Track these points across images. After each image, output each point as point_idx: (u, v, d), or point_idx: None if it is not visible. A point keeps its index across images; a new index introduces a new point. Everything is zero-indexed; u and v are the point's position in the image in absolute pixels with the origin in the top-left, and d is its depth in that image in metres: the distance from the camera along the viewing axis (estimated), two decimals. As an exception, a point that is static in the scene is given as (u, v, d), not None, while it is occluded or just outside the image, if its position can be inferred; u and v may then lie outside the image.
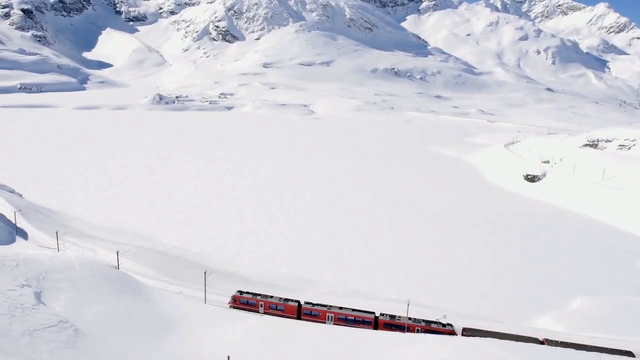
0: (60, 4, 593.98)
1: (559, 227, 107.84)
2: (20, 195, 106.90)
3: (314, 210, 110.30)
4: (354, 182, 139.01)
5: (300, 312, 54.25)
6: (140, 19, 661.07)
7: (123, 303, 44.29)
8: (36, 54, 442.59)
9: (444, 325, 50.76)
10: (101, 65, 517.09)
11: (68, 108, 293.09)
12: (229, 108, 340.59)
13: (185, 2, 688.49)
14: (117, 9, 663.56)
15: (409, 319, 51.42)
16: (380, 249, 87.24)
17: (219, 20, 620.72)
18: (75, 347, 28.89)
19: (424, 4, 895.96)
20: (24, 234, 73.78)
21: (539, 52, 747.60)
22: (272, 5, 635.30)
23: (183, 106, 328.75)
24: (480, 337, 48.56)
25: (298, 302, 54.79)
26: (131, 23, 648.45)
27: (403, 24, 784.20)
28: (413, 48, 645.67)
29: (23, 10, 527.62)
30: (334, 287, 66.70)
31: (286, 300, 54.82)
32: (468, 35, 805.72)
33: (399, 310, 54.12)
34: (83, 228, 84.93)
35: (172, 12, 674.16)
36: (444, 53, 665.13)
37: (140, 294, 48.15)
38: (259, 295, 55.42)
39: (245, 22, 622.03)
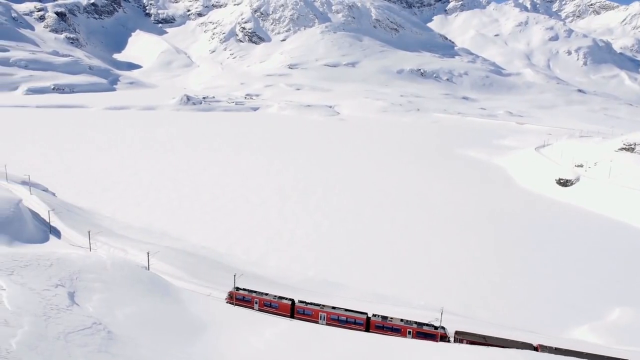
0: (93, 7, 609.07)
1: (594, 234, 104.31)
2: (53, 194, 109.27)
3: (341, 213, 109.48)
4: (380, 185, 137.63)
5: (293, 310, 54.36)
6: (169, 21, 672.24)
7: (153, 304, 44.36)
8: (69, 55, 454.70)
9: (435, 328, 50.07)
10: (131, 66, 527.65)
11: (99, 108, 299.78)
12: (255, 109, 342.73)
13: (212, 4, 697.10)
14: (147, 12, 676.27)
15: (401, 320, 51.00)
16: (408, 253, 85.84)
17: (245, 22, 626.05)
18: (108, 351, 28.82)
19: (451, 4, 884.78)
20: (57, 233, 75.18)
21: (569, 53, 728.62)
22: (298, 6, 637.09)
23: (210, 107, 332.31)
24: (473, 340, 47.88)
25: (292, 300, 54.84)
26: (160, 25, 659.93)
27: (429, 25, 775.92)
28: (440, 49, 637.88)
29: (57, 13, 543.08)
30: (363, 292, 65.72)
31: (280, 298, 54.91)
32: (496, 35, 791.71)
33: (430, 318, 52.79)
34: (114, 227, 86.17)
35: (200, 14, 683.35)
36: (471, 54, 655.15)
37: (170, 296, 48.20)
38: (255, 292, 55.79)
39: (272, 24, 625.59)
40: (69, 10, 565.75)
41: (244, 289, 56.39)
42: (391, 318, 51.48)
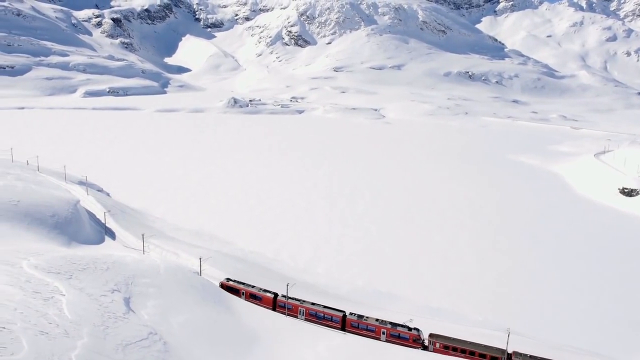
0: (146, 13, 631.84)
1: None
2: (108, 194, 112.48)
3: (389, 219, 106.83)
4: (428, 190, 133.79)
5: (275, 303, 56.34)
6: (217, 25, 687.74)
7: (206, 313, 43.73)
8: (123, 59, 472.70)
9: (409, 329, 50.53)
10: (181, 70, 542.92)
11: (150, 111, 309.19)
12: (300, 112, 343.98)
13: (259, 9, 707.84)
14: (197, 17, 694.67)
15: (376, 320, 51.98)
16: (461, 264, 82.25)
17: (291, 26, 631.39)
18: (166, 365, 28.05)
19: (501, 5, 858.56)
20: (111, 234, 76.74)
21: (629, 54, 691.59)
22: (344, 9, 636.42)
23: (256, 109, 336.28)
24: (447, 343, 48.12)
25: (275, 294, 56.97)
26: (209, 29, 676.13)
27: (478, 26, 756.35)
28: (489, 50, 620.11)
29: (113, 20, 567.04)
30: (417, 305, 63.08)
31: (265, 291, 57.25)
32: (549, 36, 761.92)
33: (495, 339, 49.64)
34: (165, 229, 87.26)
35: (247, 19, 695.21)
36: (522, 55, 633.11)
37: (222, 304, 47.53)
38: (243, 284, 58.41)
39: (317, 27, 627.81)
40: (124, 17, 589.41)
41: (234, 280, 59.45)
42: (366, 317, 52.63)
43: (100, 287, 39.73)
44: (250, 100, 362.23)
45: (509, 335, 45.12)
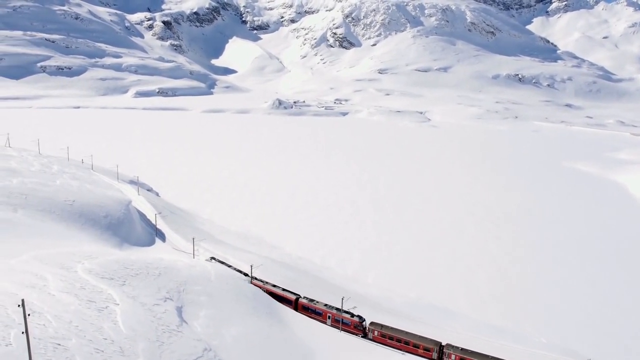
0: (195, 16, 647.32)
1: None
2: (157, 194, 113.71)
3: (439, 228, 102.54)
4: (482, 198, 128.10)
5: None
6: (263, 27, 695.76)
7: (259, 325, 41.89)
8: (172, 61, 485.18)
9: (352, 316, 53.09)
10: (227, 71, 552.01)
11: (197, 111, 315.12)
12: (344, 114, 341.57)
13: (305, 11, 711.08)
14: (243, 19, 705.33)
15: (325, 305, 55.30)
16: (521, 280, 77.28)
17: (336, 27, 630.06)
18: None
19: (554, 5, 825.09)
20: (161, 235, 76.70)
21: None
22: (389, 11, 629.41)
23: (300, 111, 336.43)
24: (384, 332, 50.41)
25: (246, 274, 60.75)
26: (255, 31, 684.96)
27: (529, 27, 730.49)
28: (540, 52, 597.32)
29: (164, 22, 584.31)
30: (475, 322, 59.23)
31: (238, 271, 61.33)
32: (605, 37, 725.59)
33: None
34: (213, 232, 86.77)
35: (293, 21, 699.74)
36: (576, 58, 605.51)
37: (274, 316, 45.63)
38: (223, 263, 63.69)
39: (362, 29, 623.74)
40: (174, 19, 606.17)
41: (218, 260, 64.63)
42: (316, 302, 56.39)
43: (153, 294, 38.60)
44: (295, 102, 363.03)
45: (590, 367, 40.90)
